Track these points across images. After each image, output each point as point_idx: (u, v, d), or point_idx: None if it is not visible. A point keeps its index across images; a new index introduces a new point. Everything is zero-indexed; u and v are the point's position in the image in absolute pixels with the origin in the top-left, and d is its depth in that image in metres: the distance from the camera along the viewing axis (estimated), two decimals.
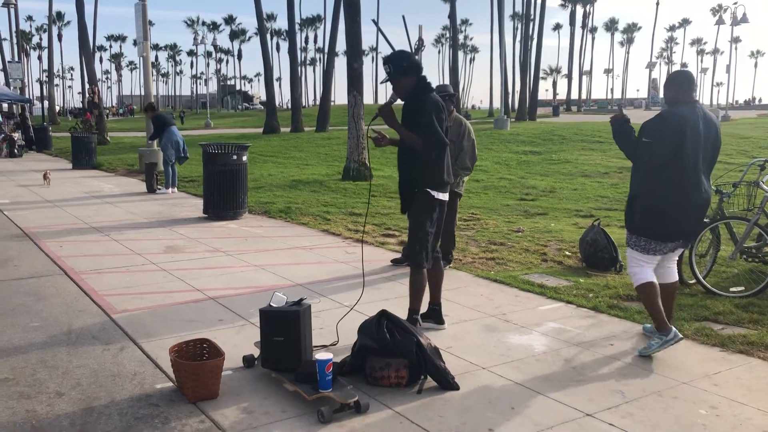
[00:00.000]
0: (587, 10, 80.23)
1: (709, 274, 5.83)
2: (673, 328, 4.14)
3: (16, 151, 21.35)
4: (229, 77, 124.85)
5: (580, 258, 6.71)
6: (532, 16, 47.06)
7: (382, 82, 4.34)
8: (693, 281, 5.63)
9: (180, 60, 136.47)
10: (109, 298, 5.34)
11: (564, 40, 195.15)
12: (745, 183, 5.78)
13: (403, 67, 4.25)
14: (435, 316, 4.64)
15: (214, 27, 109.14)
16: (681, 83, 4.19)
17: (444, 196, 4.36)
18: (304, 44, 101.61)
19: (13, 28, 38.13)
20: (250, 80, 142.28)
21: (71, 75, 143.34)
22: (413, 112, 4.24)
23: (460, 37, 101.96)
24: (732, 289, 5.45)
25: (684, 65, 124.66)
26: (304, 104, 62.47)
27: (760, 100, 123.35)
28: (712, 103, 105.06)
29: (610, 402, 3.49)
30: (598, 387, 3.68)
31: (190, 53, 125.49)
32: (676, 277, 4.46)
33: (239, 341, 4.35)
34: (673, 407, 3.43)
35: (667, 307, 4.30)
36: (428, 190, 4.27)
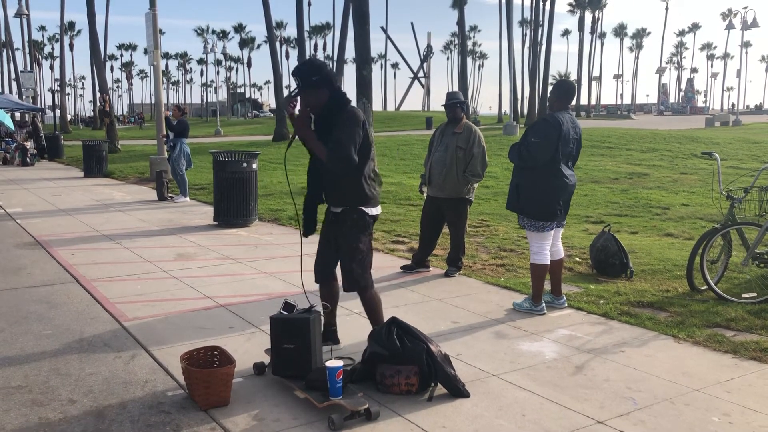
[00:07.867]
0: (596, 16, 79.90)
1: (721, 281, 5.79)
2: (543, 304, 5.15)
3: (28, 159, 21.55)
4: (239, 85, 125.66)
5: (590, 264, 6.69)
6: (540, 22, 47.06)
7: (292, 96, 3.88)
8: (704, 287, 5.60)
9: (190, 68, 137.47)
10: (121, 306, 5.38)
11: (573, 45, 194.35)
12: (757, 188, 5.74)
13: (312, 81, 3.80)
14: (332, 336, 4.34)
15: (223, 35, 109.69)
16: (568, 94, 5.13)
17: (377, 211, 4.06)
18: (313, 52, 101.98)
19: (26, 38, 38.60)
20: (260, 88, 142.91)
21: (82, 84, 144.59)
22: (329, 129, 3.85)
23: (469, 43, 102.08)
24: (744, 296, 5.42)
25: (694, 70, 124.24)
26: None
27: (761, 105, 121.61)
28: (722, 108, 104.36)
29: (622, 409, 3.47)
30: (609, 394, 3.66)
31: (200, 61, 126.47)
32: (563, 254, 5.43)
33: (250, 348, 4.37)
34: (685, 414, 3.41)
35: (556, 279, 5.33)
36: (362, 208, 3.96)
